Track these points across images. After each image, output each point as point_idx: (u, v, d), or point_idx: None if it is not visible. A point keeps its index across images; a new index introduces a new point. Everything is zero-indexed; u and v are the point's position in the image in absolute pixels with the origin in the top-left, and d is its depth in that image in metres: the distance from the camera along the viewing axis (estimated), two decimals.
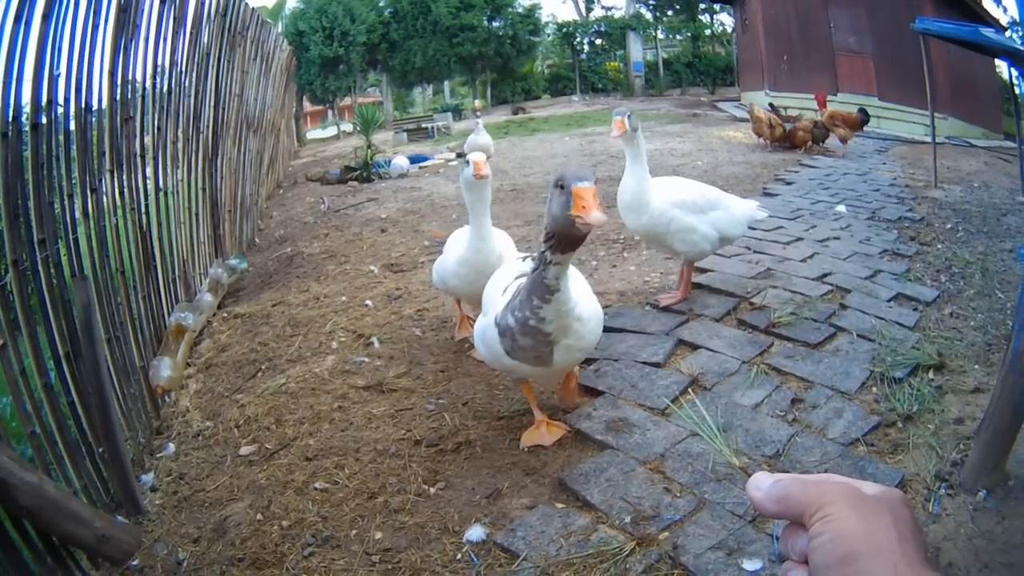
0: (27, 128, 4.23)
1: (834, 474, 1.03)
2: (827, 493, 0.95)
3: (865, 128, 16.14)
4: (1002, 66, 17.15)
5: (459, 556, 3.45)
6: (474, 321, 5.02)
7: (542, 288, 3.47)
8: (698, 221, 5.71)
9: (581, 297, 3.79)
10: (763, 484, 1.02)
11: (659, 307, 5.95)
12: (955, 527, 3.47)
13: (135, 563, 3.64)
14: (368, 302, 6.82)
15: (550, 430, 4.33)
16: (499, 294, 3.98)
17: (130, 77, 5.86)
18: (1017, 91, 11.56)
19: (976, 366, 4.99)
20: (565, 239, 3.29)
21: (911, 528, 0.92)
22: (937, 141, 12.56)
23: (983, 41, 10.17)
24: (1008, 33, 12.23)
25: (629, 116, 5.39)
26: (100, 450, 4.11)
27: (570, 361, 3.93)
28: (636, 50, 39.08)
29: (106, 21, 5.31)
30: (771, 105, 16.72)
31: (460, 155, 10.07)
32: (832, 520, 0.92)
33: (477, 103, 16.90)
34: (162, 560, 3.67)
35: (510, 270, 4.21)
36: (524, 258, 4.36)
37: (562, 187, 3.12)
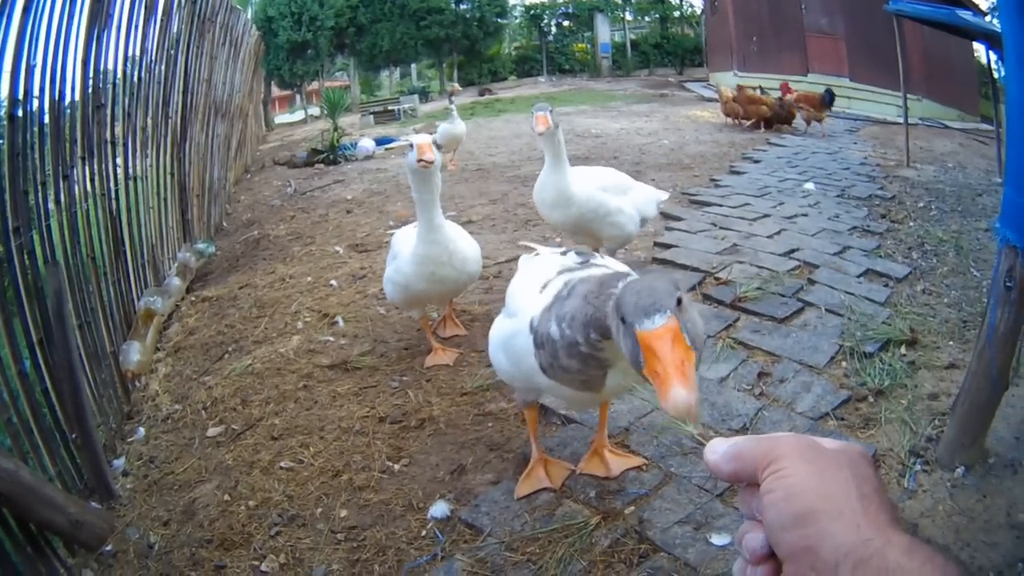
0: (4, 120, 4.28)
1: (794, 433, 1.00)
2: (778, 447, 0.91)
3: (832, 108, 16.33)
4: (980, 49, 17.17)
5: (424, 533, 3.44)
6: (444, 346, 4.95)
7: (605, 328, 2.42)
8: (623, 202, 5.63)
9: None
10: (719, 448, 0.98)
11: None
12: (932, 504, 3.45)
13: (108, 548, 3.63)
14: (333, 282, 6.81)
15: (552, 471, 3.69)
16: (534, 290, 3.05)
17: (103, 66, 5.88)
18: (996, 75, 11.60)
19: (951, 342, 4.98)
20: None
21: (873, 486, 0.87)
22: (910, 122, 12.58)
23: (960, 24, 10.16)
24: (988, 18, 12.28)
25: (551, 111, 5.24)
26: (73, 436, 4.09)
27: (624, 387, 3.08)
28: (604, 31, 39.18)
29: (81, 11, 5.35)
30: (760, 88, 16.78)
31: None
32: (784, 476, 0.88)
33: (454, 86, 16.59)
34: (134, 544, 3.67)
35: (547, 262, 3.28)
36: (563, 251, 3.44)
37: (624, 321, 1.98)
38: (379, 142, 16.33)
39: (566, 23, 41.12)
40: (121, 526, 3.81)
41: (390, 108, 26.32)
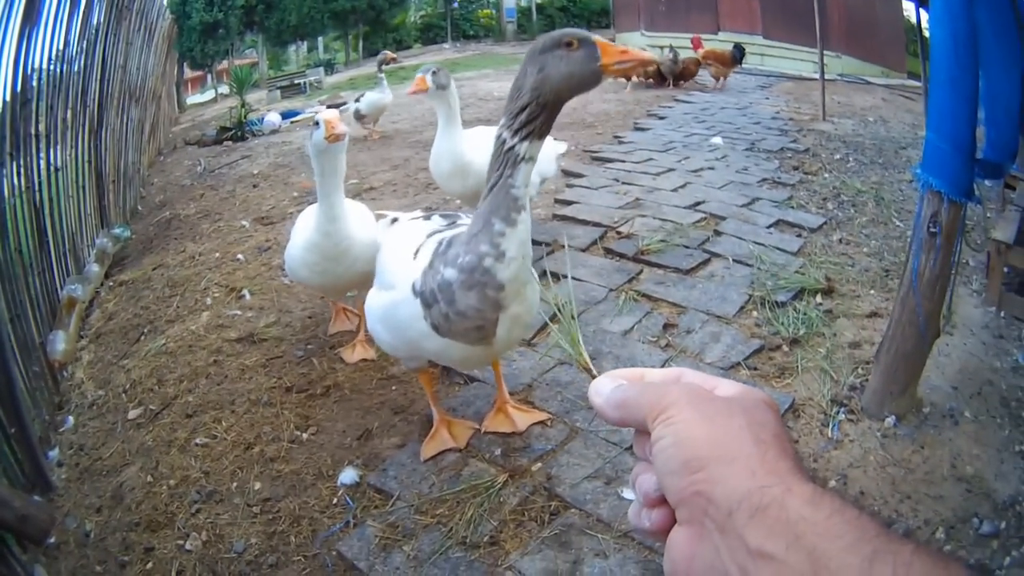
0: None
1: (689, 370, 0.97)
2: (667, 394, 0.88)
3: (741, 64, 16.81)
4: (909, 7, 17.22)
5: (335, 500, 3.46)
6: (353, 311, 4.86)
7: (508, 202, 2.65)
8: None
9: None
10: (604, 389, 0.96)
11: None
12: (862, 454, 3.48)
13: (51, 541, 3.60)
14: (240, 256, 6.79)
15: (456, 431, 3.74)
16: (408, 257, 3.10)
17: (31, 62, 5.90)
18: (925, 33, 11.71)
19: (872, 291, 5.05)
20: (559, 102, 2.60)
21: (772, 432, 0.83)
22: (828, 78, 12.63)
23: None
24: None
25: (434, 72, 5.14)
26: (12, 431, 4.06)
27: (512, 340, 3.14)
28: None
29: (16, 13, 5.41)
30: (670, 47, 16.89)
31: (336, 106, 9.90)
32: (672, 422, 0.85)
33: (386, 53, 15.91)
34: (73, 534, 3.65)
35: (413, 229, 3.34)
36: (426, 216, 3.53)
37: (570, 44, 2.46)
38: (285, 116, 16.39)
39: None
40: (60, 517, 3.77)
41: (296, 82, 26.30)
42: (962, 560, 0.70)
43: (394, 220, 3.88)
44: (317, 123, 3.88)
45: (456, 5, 40.38)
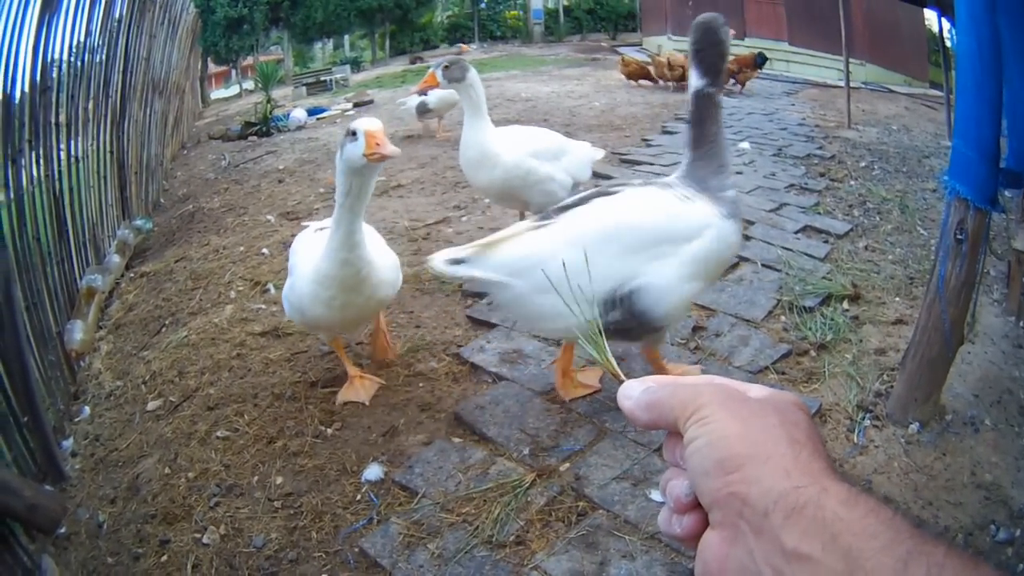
0: None
1: (718, 376, 0.95)
2: (700, 395, 0.87)
3: (762, 69, 16.87)
4: (931, 17, 17.23)
5: (359, 497, 3.42)
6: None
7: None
8: (554, 169, 5.45)
9: None
10: (633, 392, 0.94)
11: None
12: (886, 460, 3.47)
13: (62, 531, 3.59)
14: (264, 250, 6.76)
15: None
16: (682, 204, 3.46)
17: (51, 50, 5.95)
18: (948, 43, 11.69)
19: (897, 298, 5.02)
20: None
21: (806, 433, 0.83)
22: (852, 85, 12.62)
23: None
24: None
25: (446, 67, 5.07)
26: (25, 419, 4.04)
27: None
28: None
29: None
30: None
31: (362, 104, 9.80)
32: (707, 423, 0.84)
33: (461, 46, 15.14)
34: (85, 524, 3.63)
35: (643, 194, 3.62)
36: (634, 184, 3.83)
37: (725, 24, 3.69)
38: (311, 112, 16.42)
39: None
40: (72, 507, 3.77)
41: (322, 79, 26.27)
42: (990, 563, 0.69)
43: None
44: (354, 133, 3.18)
45: (483, 5, 40.42)
